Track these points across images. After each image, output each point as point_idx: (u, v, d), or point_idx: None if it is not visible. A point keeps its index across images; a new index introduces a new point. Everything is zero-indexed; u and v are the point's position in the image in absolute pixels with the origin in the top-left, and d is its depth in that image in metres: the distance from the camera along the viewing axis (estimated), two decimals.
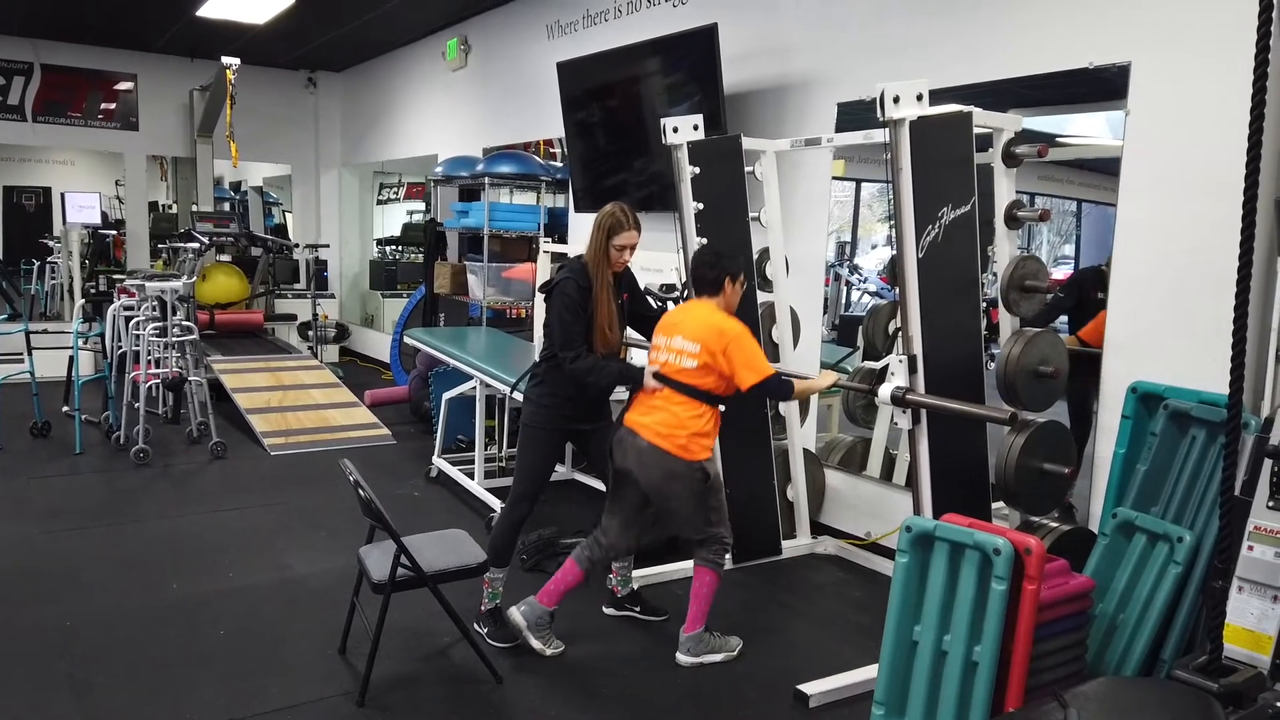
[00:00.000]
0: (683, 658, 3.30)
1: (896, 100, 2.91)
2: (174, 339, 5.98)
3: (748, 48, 4.97)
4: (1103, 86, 3.46)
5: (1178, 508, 3.00)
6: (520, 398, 3.59)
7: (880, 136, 3.03)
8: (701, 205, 3.97)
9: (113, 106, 9.46)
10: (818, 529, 4.60)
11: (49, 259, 10.23)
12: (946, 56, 3.98)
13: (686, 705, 3.06)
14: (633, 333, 3.67)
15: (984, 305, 3.25)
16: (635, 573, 3.77)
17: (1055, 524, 3.26)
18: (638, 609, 3.67)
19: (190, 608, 3.66)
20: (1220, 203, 3.06)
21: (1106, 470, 3.28)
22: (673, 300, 4.09)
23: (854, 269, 5.12)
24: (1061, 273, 4.13)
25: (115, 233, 10.06)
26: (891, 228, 3.07)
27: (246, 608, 3.68)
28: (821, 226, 4.69)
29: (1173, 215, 3.26)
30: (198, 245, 8.07)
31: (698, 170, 3.95)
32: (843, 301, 5.18)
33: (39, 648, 3.28)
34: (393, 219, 11.46)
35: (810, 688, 3.09)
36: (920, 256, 2.99)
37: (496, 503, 4.63)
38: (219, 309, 8.51)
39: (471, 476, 5.15)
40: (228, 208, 11.25)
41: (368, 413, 6.80)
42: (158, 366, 6.12)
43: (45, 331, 6.71)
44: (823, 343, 4.80)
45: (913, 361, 3.03)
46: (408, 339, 6.36)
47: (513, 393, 4.46)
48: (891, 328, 4.60)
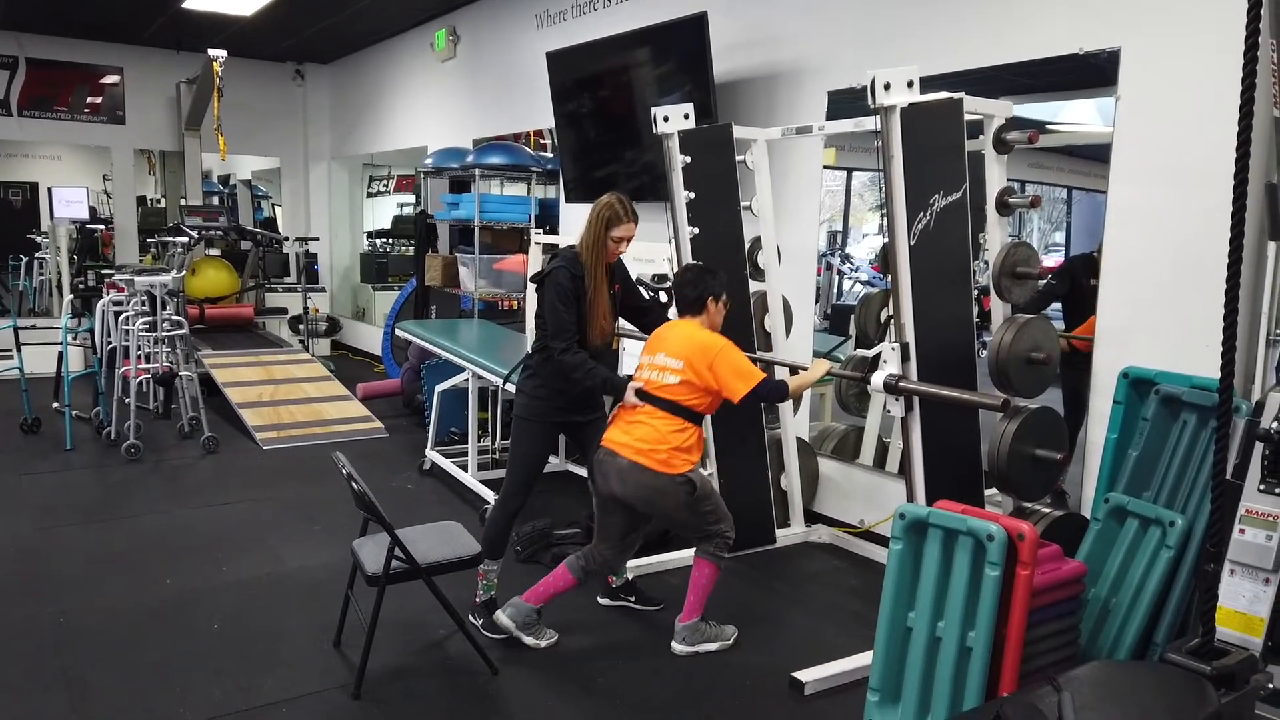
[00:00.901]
0: (678, 647, 3.31)
1: (887, 87, 2.91)
2: (164, 334, 5.95)
3: (738, 36, 4.96)
4: (1093, 72, 3.46)
5: (1169, 492, 3.01)
6: (513, 389, 3.58)
7: (871, 124, 3.03)
8: (693, 194, 3.97)
9: (99, 100, 9.39)
10: (811, 517, 4.61)
11: (37, 255, 10.16)
12: (937, 44, 3.98)
13: (682, 694, 3.07)
14: (624, 324, 3.67)
15: (976, 292, 3.25)
16: (630, 563, 3.77)
17: (1048, 510, 3.27)
18: (633, 599, 3.68)
19: (184, 603, 3.65)
20: (1211, 188, 3.07)
21: (1098, 456, 3.29)
22: (664, 290, 4.09)
23: (846, 258, 5.12)
24: (1052, 260, 4.14)
25: (103, 227, 9.99)
26: (883, 216, 3.07)
27: (240, 602, 3.67)
28: (813, 215, 4.68)
29: (1163, 201, 3.27)
30: (187, 239, 8.03)
31: (689, 160, 3.94)
32: (834, 290, 5.18)
33: (33, 644, 3.27)
34: (383, 212, 11.40)
35: (805, 675, 3.10)
36: (912, 244, 2.99)
37: (490, 495, 4.63)
38: (209, 303, 8.47)
39: (465, 469, 5.15)
40: (216, 201, 11.16)
41: (360, 406, 6.79)
42: (148, 361, 6.09)
43: (34, 327, 6.69)
44: (815, 332, 4.80)
45: (905, 349, 3.03)
46: (399, 332, 6.34)
47: (505, 384, 4.45)
48: (883, 316, 4.60)
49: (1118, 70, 3.36)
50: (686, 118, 3.95)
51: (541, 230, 6.32)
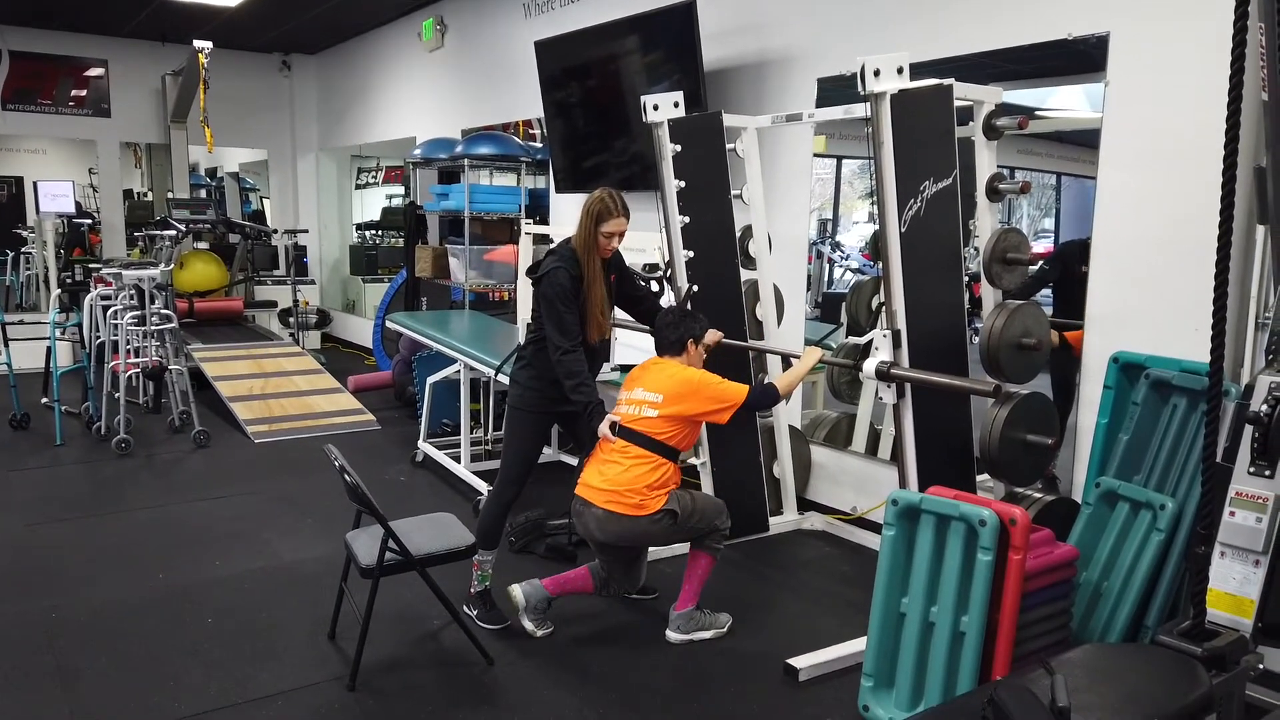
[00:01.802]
0: (673, 635, 3.32)
1: (877, 74, 2.91)
2: (153, 328, 5.92)
3: (727, 23, 4.94)
4: (1082, 58, 3.46)
5: (1160, 476, 3.03)
6: (506, 380, 3.57)
7: (861, 111, 3.02)
8: (683, 183, 3.96)
9: (84, 93, 9.30)
10: (804, 505, 4.63)
11: (23, 249, 10.08)
12: (926, 30, 3.97)
13: (677, 682, 3.08)
14: (621, 314, 3.66)
15: (966, 279, 3.26)
16: None
17: (1039, 494, 3.29)
18: None
19: (177, 597, 3.64)
20: (1200, 171, 3.08)
21: (1089, 440, 3.31)
22: (656, 280, 4.08)
23: (836, 246, 5.12)
24: (1041, 247, 4.14)
25: (90, 221, 9.92)
26: (873, 203, 3.07)
27: (234, 596, 3.66)
28: (803, 204, 4.68)
29: (1152, 185, 3.27)
30: (174, 233, 7.98)
31: (679, 148, 3.93)
32: (825, 278, 5.18)
33: (25, 640, 3.26)
34: (372, 203, 11.36)
35: (800, 661, 3.11)
36: (903, 231, 3.00)
37: (484, 486, 4.63)
38: (198, 297, 8.42)
39: (458, 460, 5.14)
40: (204, 194, 11.10)
41: (351, 399, 6.77)
42: (137, 356, 6.06)
43: (22, 323, 6.66)
44: (806, 320, 4.80)
45: (896, 336, 3.04)
46: (390, 324, 6.32)
47: (498, 375, 4.45)
48: (874, 303, 4.61)
49: (1107, 55, 3.36)
50: (676, 106, 3.94)
51: (532, 220, 6.30)
